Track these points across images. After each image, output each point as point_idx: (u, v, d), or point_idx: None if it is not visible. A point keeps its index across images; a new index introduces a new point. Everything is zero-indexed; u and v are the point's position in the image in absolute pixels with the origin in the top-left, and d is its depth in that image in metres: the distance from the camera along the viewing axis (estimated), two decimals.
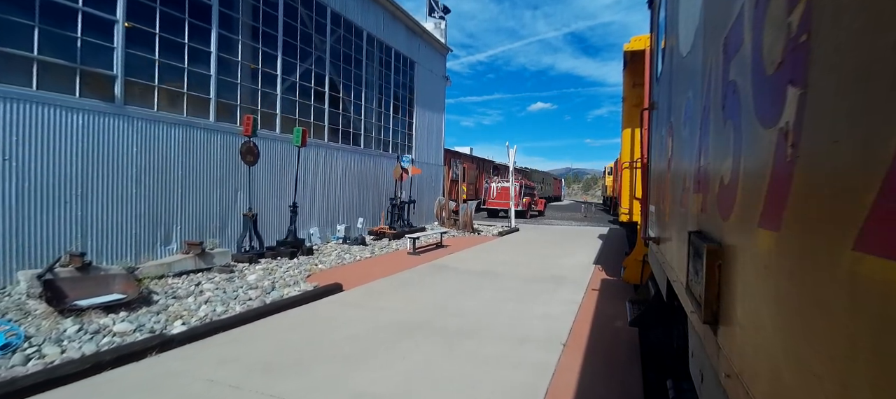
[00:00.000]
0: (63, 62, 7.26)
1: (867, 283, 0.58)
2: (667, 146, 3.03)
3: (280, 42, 11.71)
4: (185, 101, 9.27)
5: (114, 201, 8.00)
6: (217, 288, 7.21)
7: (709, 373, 1.57)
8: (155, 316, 5.73)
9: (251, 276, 8.12)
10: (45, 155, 7.03)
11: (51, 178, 7.13)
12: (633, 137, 8.69)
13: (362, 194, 15.40)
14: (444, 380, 4.05)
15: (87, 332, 5.03)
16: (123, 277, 6.44)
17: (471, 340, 5.06)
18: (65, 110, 7.18)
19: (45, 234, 7.03)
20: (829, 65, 0.72)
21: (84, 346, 4.67)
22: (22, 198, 6.79)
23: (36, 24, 6.87)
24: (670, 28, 3.08)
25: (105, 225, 7.90)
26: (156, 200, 8.68)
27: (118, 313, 5.57)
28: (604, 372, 4.31)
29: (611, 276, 8.87)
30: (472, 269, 9.55)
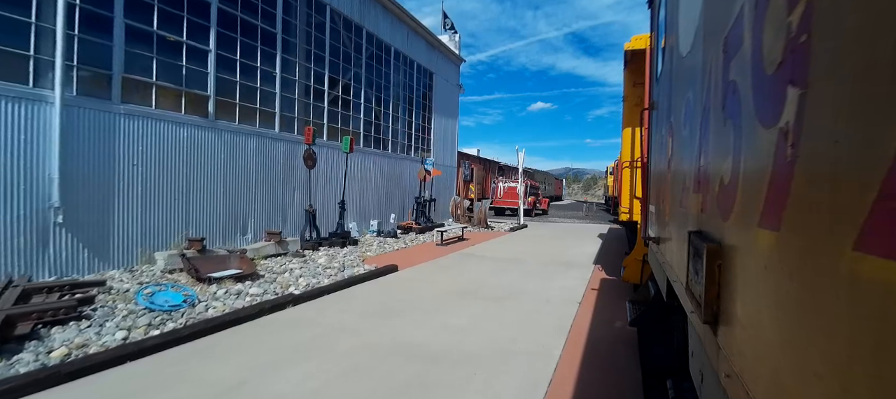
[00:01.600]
0: (173, 86, 8.98)
1: (867, 283, 0.58)
2: (667, 146, 3.04)
3: (326, 61, 13.60)
4: (257, 115, 11.11)
5: (207, 198, 9.73)
6: (301, 267, 8.86)
7: (709, 373, 1.58)
8: (270, 284, 7.34)
9: (320, 259, 9.80)
10: (161, 161, 8.73)
11: (165, 180, 8.80)
12: (633, 136, 8.70)
13: (390, 193, 17.19)
14: (500, 320, 5.86)
15: (230, 294, 6.66)
16: (237, 256, 8.17)
17: (510, 300, 6.96)
18: (174, 124, 8.90)
19: (161, 224, 8.73)
20: (829, 65, 0.72)
21: (235, 302, 6.31)
22: (145, 196, 8.48)
23: (154, 55, 8.61)
24: (670, 28, 3.08)
25: (201, 217, 9.61)
26: (236, 197, 10.43)
27: (244, 282, 7.23)
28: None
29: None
30: (496, 257, 11.29)
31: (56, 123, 7.00)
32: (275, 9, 11.26)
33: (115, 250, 7.99)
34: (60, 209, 7.07)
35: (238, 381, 3.92)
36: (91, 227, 7.64)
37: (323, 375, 4.12)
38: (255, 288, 7.04)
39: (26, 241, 6.82)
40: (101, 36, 7.81)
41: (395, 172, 17.32)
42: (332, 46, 13.68)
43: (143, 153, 8.35)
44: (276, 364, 4.36)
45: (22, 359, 4.23)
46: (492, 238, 15.41)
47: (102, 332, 5.04)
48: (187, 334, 4.94)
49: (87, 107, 7.52)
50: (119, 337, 4.97)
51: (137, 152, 8.25)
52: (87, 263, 7.60)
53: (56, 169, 7.03)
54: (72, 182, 7.31)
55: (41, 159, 6.97)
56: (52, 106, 7.03)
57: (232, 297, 6.56)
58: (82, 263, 7.53)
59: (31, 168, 6.90)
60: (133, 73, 8.28)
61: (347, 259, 10.04)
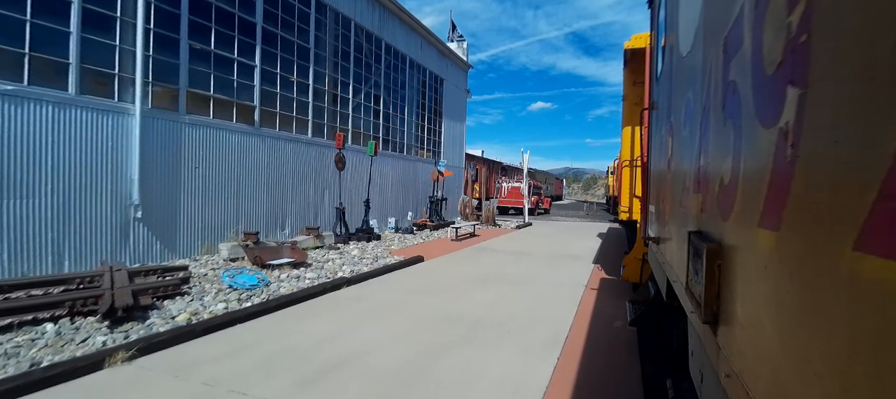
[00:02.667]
0: (226, 98, 9.96)
1: (867, 283, 0.57)
2: (667, 146, 2.89)
3: (351, 71, 14.38)
4: (293, 122, 11.97)
5: (253, 197, 10.72)
6: (339, 257, 9.77)
7: (709, 373, 1.51)
8: (320, 270, 8.32)
9: (353, 251, 10.67)
10: (216, 164, 9.68)
11: (219, 181, 9.79)
12: (633, 135, 8.42)
13: (405, 193, 17.99)
14: (520, 298, 6.94)
15: (291, 277, 7.64)
16: (288, 247, 9.00)
17: (525, 285, 7.99)
18: (227, 132, 9.89)
19: (217, 219, 9.73)
20: (829, 65, 0.70)
21: (298, 284, 7.20)
22: (205, 195, 9.43)
23: (211, 71, 9.58)
24: (670, 27, 2.95)
25: (249, 213, 10.60)
26: (276, 196, 11.34)
27: (298, 268, 8.18)
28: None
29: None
30: (508, 250, 12.21)
31: (136, 132, 7.86)
32: (308, 26, 12.16)
33: (181, 242, 8.92)
34: (139, 206, 7.94)
35: (332, 334, 5.08)
36: (162, 221, 8.55)
37: (393, 331, 5.26)
38: (311, 273, 8.04)
39: (112, 234, 7.67)
40: (170, 55, 8.67)
41: (409, 173, 18.16)
42: (355, 57, 14.52)
43: (202, 157, 9.30)
44: (355, 324, 5.49)
45: (154, 322, 5.13)
46: (500, 234, 16.17)
47: (206, 304, 6.00)
48: (275, 305, 6.00)
49: (159, 118, 8.38)
50: (220, 307, 5.91)
51: (198, 157, 9.21)
52: (159, 253, 8.50)
53: (136, 171, 7.87)
54: (148, 183, 8.15)
55: (124, 163, 7.81)
56: (133, 117, 7.87)
57: (293, 280, 7.52)
58: (155, 253, 8.42)
59: (117, 171, 7.72)
60: (195, 87, 9.21)
61: (377, 251, 10.92)
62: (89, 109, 7.36)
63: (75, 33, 7.18)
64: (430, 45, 19.70)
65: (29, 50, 6.67)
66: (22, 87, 6.56)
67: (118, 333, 4.75)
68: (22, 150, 6.57)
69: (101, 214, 7.54)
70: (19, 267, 6.57)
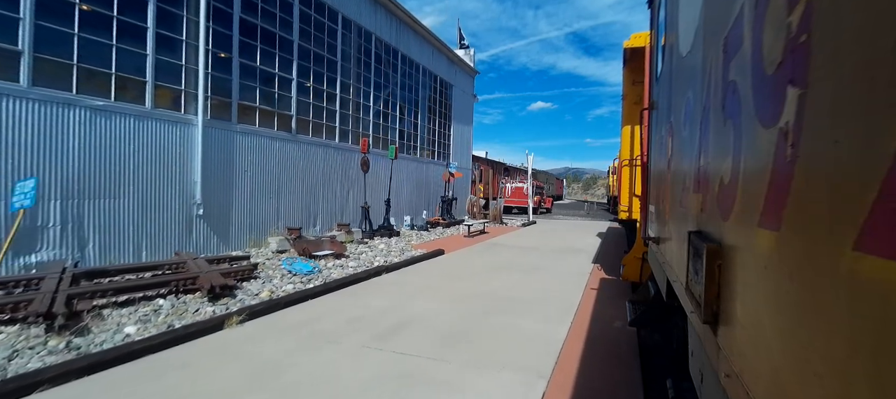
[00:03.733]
0: (269, 108, 10.81)
1: (867, 283, 0.55)
2: (667, 146, 2.75)
3: (372, 81, 15.07)
4: (323, 129, 12.80)
5: (290, 196, 11.51)
6: (369, 251, 10.41)
7: (709, 373, 1.45)
8: (357, 261, 9.08)
9: (380, 246, 11.25)
10: (261, 168, 10.54)
11: (264, 183, 10.64)
12: (632, 135, 7.89)
13: (419, 193, 18.67)
14: (535, 282, 7.80)
15: (336, 266, 8.48)
16: (329, 240, 9.97)
17: (537, 272, 8.77)
18: (269, 139, 10.74)
19: (262, 216, 10.59)
20: (829, 65, 0.67)
21: (344, 272, 7.99)
22: (252, 195, 10.33)
23: (257, 85, 10.44)
24: (670, 27, 2.78)
25: (287, 211, 11.40)
26: (309, 196, 12.19)
27: (339, 259, 9.02)
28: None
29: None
30: (517, 245, 12.78)
31: (199, 140, 8.72)
32: (336, 41, 12.99)
33: (233, 236, 9.80)
34: (201, 205, 8.85)
35: (388, 307, 5.90)
36: (218, 218, 9.40)
37: (437, 304, 6.12)
38: (352, 262, 8.85)
39: (179, 228, 8.56)
40: (224, 72, 9.50)
41: (422, 175, 18.92)
42: (375, 68, 15.21)
43: (250, 162, 10.15)
44: (404, 300, 6.29)
45: (242, 299, 5.95)
46: (508, 232, 16.68)
47: (277, 285, 6.79)
48: (334, 286, 6.83)
49: (216, 127, 9.21)
50: (290, 287, 6.70)
51: (246, 161, 10.06)
52: (215, 246, 9.33)
53: (198, 174, 8.74)
54: (207, 184, 8.99)
55: (188, 167, 8.67)
56: (195, 127, 8.72)
57: (339, 268, 8.27)
58: (213, 245, 9.27)
59: (183, 174, 8.57)
60: (244, 99, 10.04)
61: (400, 246, 11.53)
62: (161, 121, 8.16)
63: (151, 55, 7.96)
64: (441, 54, 20.34)
65: (115, 70, 7.44)
66: (109, 102, 7.36)
67: (219, 306, 5.63)
68: (109, 156, 7.38)
69: (170, 211, 8.41)
70: (107, 256, 7.38)
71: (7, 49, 6.25)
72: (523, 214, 25.61)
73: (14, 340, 4.17)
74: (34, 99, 6.48)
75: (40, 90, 6.56)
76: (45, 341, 4.20)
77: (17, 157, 6.35)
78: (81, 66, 7.04)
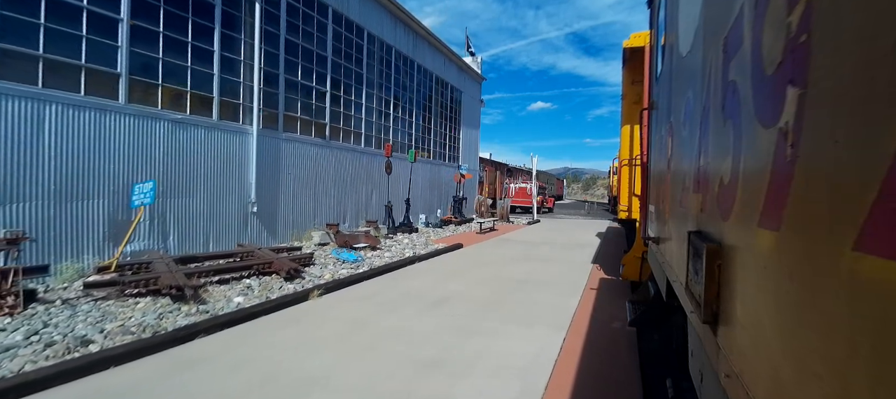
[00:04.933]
0: (307, 118, 11.67)
1: (867, 283, 0.53)
2: (667, 146, 2.64)
3: (392, 90, 15.86)
4: (351, 135, 13.65)
5: (325, 195, 12.42)
6: (397, 244, 11.20)
7: (709, 373, 1.39)
8: (390, 252, 10.04)
9: (404, 240, 11.99)
10: (302, 171, 11.39)
11: (303, 184, 11.51)
12: (632, 134, 7.56)
13: (432, 192, 19.51)
14: (547, 269, 8.85)
15: (374, 256, 9.42)
16: (364, 234, 10.88)
17: (547, 262, 9.75)
18: (307, 145, 11.62)
19: (302, 213, 11.55)
20: (829, 65, 0.64)
21: (382, 261, 8.95)
22: (295, 195, 11.22)
23: (298, 97, 11.30)
24: (670, 27, 2.67)
25: (322, 209, 12.31)
26: (339, 195, 13.10)
27: (375, 250, 10.03)
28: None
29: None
30: (526, 241, 13.66)
31: (253, 147, 9.77)
32: (362, 55, 13.89)
33: (279, 230, 10.68)
34: (255, 203, 9.92)
35: (430, 285, 7.01)
36: (268, 214, 10.31)
37: (469, 284, 7.21)
38: (386, 253, 9.77)
39: (238, 223, 9.62)
40: (272, 87, 10.42)
41: (435, 176, 19.68)
42: (395, 78, 16.00)
43: (292, 166, 11.00)
44: (441, 281, 7.37)
45: (310, 280, 6.98)
46: (516, 229, 17.33)
47: (333, 270, 7.79)
48: (379, 271, 7.85)
49: (266, 135, 10.18)
50: (343, 272, 7.61)
51: (290, 165, 10.93)
52: (266, 239, 10.28)
53: (253, 177, 9.79)
54: (260, 185, 9.97)
55: (245, 171, 9.69)
56: (251, 136, 9.77)
57: (377, 258, 9.15)
58: (264, 239, 10.23)
59: (241, 177, 9.60)
60: (288, 110, 10.87)
61: (421, 240, 12.19)
62: (225, 131, 9.15)
63: (217, 75, 8.95)
64: (452, 63, 21.11)
65: (189, 88, 8.42)
66: (186, 115, 8.36)
67: (296, 284, 6.65)
68: (185, 162, 8.37)
69: (231, 208, 9.45)
70: (183, 245, 8.38)
71: (109, 72, 7.16)
72: (526, 214, 26.14)
73: (153, 308, 5.11)
74: (130, 114, 7.44)
75: (134, 106, 7.49)
76: (179, 307, 5.21)
77: (118, 163, 7.28)
78: (165, 86, 7.99)
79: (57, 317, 4.62)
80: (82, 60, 6.76)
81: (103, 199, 7.07)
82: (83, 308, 4.98)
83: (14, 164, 5.99)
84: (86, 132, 6.84)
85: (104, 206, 7.08)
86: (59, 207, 6.50)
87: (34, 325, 4.32)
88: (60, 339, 4.09)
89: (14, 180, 6.00)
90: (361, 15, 13.56)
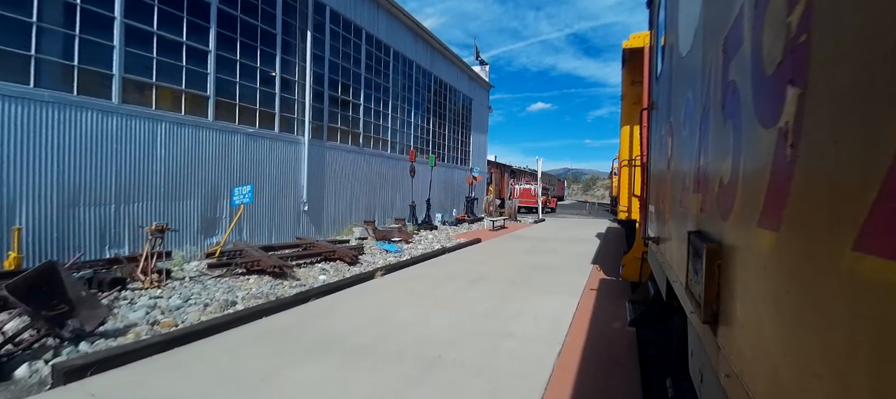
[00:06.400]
0: (346, 128, 12.81)
1: (867, 283, 0.51)
2: (666, 146, 2.50)
3: (413, 100, 16.83)
4: (380, 143, 14.71)
5: (358, 196, 13.54)
6: (424, 239, 12.16)
7: (709, 373, 1.32)
8: (420, 245, 11.01)
9: (428, 236, 12.94)
10: (341, 174, 12.63)
11: (342, 186, 12.72)
12: (631, 135, 7.14)
13: (446, 193, 20.45)
14: (555, 259, 9.81)
15: (409, 248, 10.45)
16: (396, 229, 11.96)
17: (556, 253, 10.75)
18: (345, 152, 12.83)
19: (342, 212, 12.75)
20: (829, 65, 0.61)
21: (416, 251, 10.02)
22: (336, 195, 12.41)
23: (339, 111, 12.55)
24: (670, 28, 2.53)
25: (356, 208, 13.47)
26: (370, 195, 14.15)
27: (408, 243, 11.20)
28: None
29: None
30: (535, 237, 14.48)
31: (305, 155, 11.03)
32: (388, 70, 15.00)
33: (324, 227, 11.78)
34: (306, 203, 11.07)
35: (464, 270, 8.05)
36: (315, 213, 11.41)
37: (496, 268, 8.27)
38: (419, 246, 10.66)
39: (292, 220, 10.85)
40: (319, 103, 11.56)
41: (449, 178, 20.65)
42: (415, 89, 16.92)
43: (333, 171, 12.06)
44: (472, 266, 8.51)
45: (368, 265, 8.31)
46: (524, 227, 18.10)
47: (382, 258, 9.09)
48: (419, 260, 8.86)
49: (314, 145, 11.30)
50: (391, 259, 8.80)
51: (332, 170, 11.98)
52: (313, 233, 11.06)
53: (304, 180, 11.05)
54: (309, 188, 11.04)
55: (298, 175, 10.93)
56: (303, 145, 11.00)
57: (412, 249, 10.07)
58: (312, 233, 11.08)
59: (295, 180, 10.85)
60: (331, 122, 11.90)
61: (443, 236, 13.10)
62: (283, 142, 10.34)
63: (278, 94, 10.19)
64: (463, 73, 22.03)
65: (259, 106, 9.70)
66: (256, 129, 9.66)
67: (358, 268, 7.81)
68: (256, 167, 9.60)
69: (287, 207, 10.68)
70: (253, 238, 9.58)
71: (199, 95, 8.36)
72: (530, 213, 26.81)
73: (262, 282, 6.42)
74: (216, 129, 8.69)
75: (219, 122, 8.72)
76: (281, 282, 6.46)
77: (207, 170, 8.49)
78: (242, 106, 9.28)
79: (192, 288, 5.81)
80: (183, 85, 7.98)
81: (197, 199, 8.36)
82: (208, 283, 6.11)
83: (136, 172, 7.25)
84: (186, 144, 8.09)
85: (198, 205, 8.40)
86: (167, 206, 7.78)
87: (184, 294, 5.48)
88: (211, 301, 5.29)
89: (137, 184, 7.28)
90: (388, 34, 14.68)
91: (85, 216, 6.60)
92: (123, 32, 7.01)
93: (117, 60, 6.96)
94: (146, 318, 4.55)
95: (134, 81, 7.25)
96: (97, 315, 4.00)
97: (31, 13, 5.96)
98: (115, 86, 6.99)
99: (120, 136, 7.03)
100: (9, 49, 5.80)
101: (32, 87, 6.01)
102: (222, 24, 8.70)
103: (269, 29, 9.93)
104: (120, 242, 7.03)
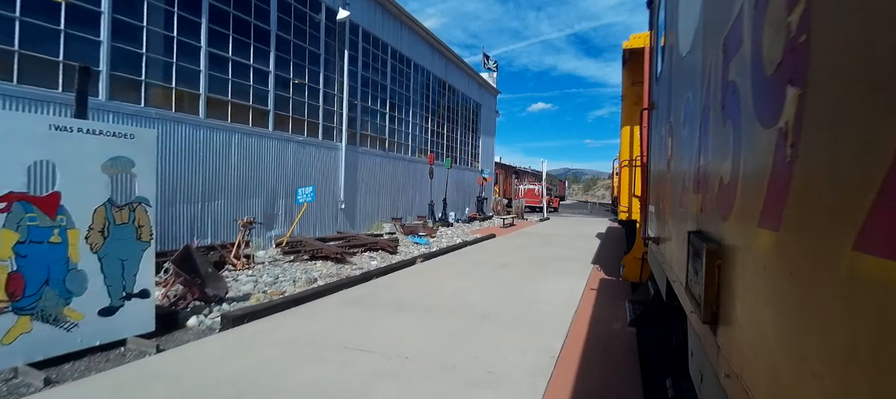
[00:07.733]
0: (375, 134, 13.92)
1: (867, 283, 0.49)
2: (666, 146, 2.38)
3: (430, 108, 17.61)
4: (401, 148, 15.63)
5: (385, 196, 14.67)
6: (444, 234, 12.72)
7: (709, 373, 1.25)
8: (443, 239, 11.52)
9: (447, 232, 13.55)
10: (370, 176, 13.71)
11: (371, 187, 13.87)
12: (632, 135, 6.91)
13: (458, 193, 21.17)
14: (565, 250, 10.89)
15: (435, 241, 11.09)
16: (420, 225, 12.82)
17: (564, 246, 11.52)
18: (374, 157, 14.08)
19: (371, 209, 13.87)
20: (829, 65, 0.58)
21: (443, 245, 10.54)
22: (367, 195, 13.57)
23: (369, 119, 13.50)
24: (670, 28, 2.41)
25: (383, 206, 14.52)
26: (394, 195, 15.29)
27: (433, 238, 11.89)
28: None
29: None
30: (543, 233, 14.93)
31: (342, 159, 12.27)
32: (409, 80, 16.04)
33: (357, 223, 12.71)
34: (343, 202, 12.12)
35: (487, 259, 8.92)
36: (350, 210, 12.34)
37: (514, 258, 9.02)
38: (443, 240, 11.25)
39: (331, 216, 11.97)
40: (353, 112, 12.60)
41: (460, 179, 21.48)
42: (432, 98, 17.70)
43: (364, 173, 13.02)
44: (493, 256, 9.34)
45: (405, 255, 8.97)
46: (531, 225, 18.65)
47: (414, 248, 9.77)
48: (446, 250, 9.77)
49: (349, 150, 12.30)
50: (423, 250, 9.39)
51: (363, 172, 12.92)
52: (349, 229, 11.81)
53: (342, 181, 12.28)
54: (346, 188, 12.02)
55: (336, 177, 12.10)
56: (340, 151, 12.26)
57: (437, 243, 10.67)
58: (348, 228, 11.77)
59: (334, 181, 11.98)
60: (362, 130, 12.85)
61: (460, 232, 13.64)
62: (325, 148, 11.50)
63: (321, 107, 11.40)
64: (473, 80, 22.68)
65: (306, 117, 10.87)
66: (305, 137, 10.84)
67: (397, 257, 8.45)
68: (303, 171, 10.80)
69: (327, 205, 11.75)
70: (302, 231, 10.56)
71: (262, 109, 9.53)
72: (534, 212, 27.25)
73: (328, 266, 7.48)
74: (274, 138, 9.87)
75: (277, 132, 9.89)
76: (341, 267, 7.30)
77: (267, 173, 9.64)
78: (294, 118, 10.38)
79: (273, 270, 6.71)
80: (250, 101, 9.01)
81: (260, 198, 9.54)
82: (285, 265, 6.97)
83: (216, 175, 8.46)
84: (252, 152, 9.28)
85: (260, 203, 9.56)
86: (237, 204, 8.93)
87: (271, 273, 6.46)
88: (297, 279, 6.25)
89: (216, 185, 8.46)
90: (410, 48, 15.67)
91: (179, 212, 7.85)
92: (208, 59, 8.30)
93: (203, 82, 8.21)
94: (256, 289, 5.56)
95: (215, 99, 8.54)
96: (222, 287, 5.03)
97: (141, 45, 7.25)
98: (201, 103, 8.22)
99: (205, 146, 8.27)
100: (124, 75, 7.07)
101: (142, 106, 7.24)
102: (279, 48, 9.99)
103: (314, 49, 11.03)
104: (204, 233, 8.34)
